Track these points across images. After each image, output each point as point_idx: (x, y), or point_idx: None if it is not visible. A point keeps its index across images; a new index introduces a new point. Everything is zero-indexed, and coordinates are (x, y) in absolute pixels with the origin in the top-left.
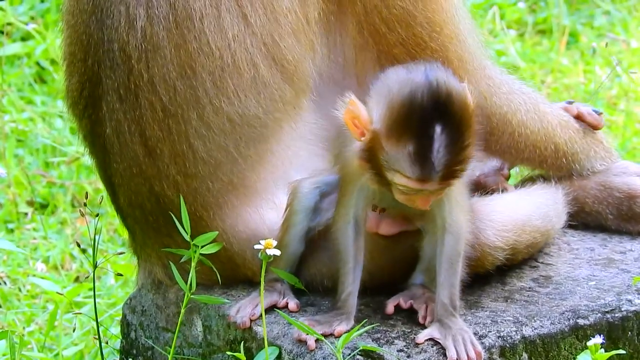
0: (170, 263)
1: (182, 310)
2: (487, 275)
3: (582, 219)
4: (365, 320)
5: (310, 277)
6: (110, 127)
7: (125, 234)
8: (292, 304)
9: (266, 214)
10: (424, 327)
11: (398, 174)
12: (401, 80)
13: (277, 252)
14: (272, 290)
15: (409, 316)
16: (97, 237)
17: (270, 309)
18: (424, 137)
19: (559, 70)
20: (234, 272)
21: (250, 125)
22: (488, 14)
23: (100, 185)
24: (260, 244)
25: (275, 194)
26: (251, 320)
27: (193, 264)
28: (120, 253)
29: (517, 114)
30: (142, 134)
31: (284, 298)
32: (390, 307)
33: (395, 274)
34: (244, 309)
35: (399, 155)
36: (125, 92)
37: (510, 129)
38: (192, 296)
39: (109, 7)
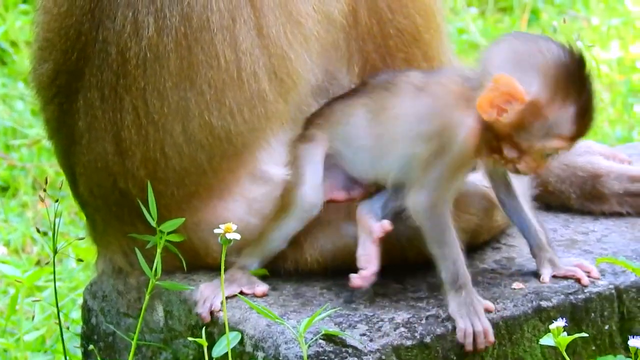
0: (136, 249)
1: (147, 297)
2: None
3: (545, 199)
4: (327, 304)
5: (298, 263)
6: (83, 120)
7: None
8: (258, 290)
9: (233, 208)
10: (387, 311)
11: (556, 139)
12: (533, 48)
13: (237, 237)
14: (233, 280)
15: (371, 299)
16: (57, 220)
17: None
18: (583, 96)
19: None
20: (196, 260)
21: (230, 142)
22: None
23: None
24: (220, 228)
25: (244, 190)
26: (212, 312)
27: (159, 250)
28: (81, 238)
29: None
30: (116, 135)
31: (248, 286)
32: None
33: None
34: (208, 300)
35: (562, 117)
36: (110, 93)
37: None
38: (156, 282)
39: (113, 10)
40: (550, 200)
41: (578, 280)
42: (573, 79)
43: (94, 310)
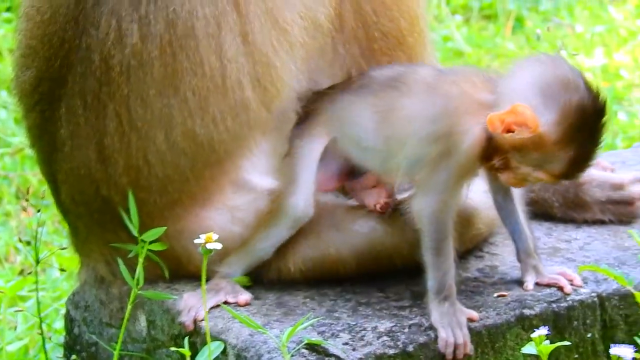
0: (118, 258)
1: (129, 306)
2: None
3: (528, 208)
4: (309, 313)
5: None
6: (66, 128)
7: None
8: (242, 299)
9: (216, 217)
10: (370, 319)
11: (543, 172)
12: (562, 82)
13: (218, 246)
14: (218, 289)
15: (354, 308)
16: (40, 230)
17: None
18: (588, 145)
19: (505, 55)
20: (178, 268)
21: (213, 150)
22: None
23: None
24: (200, 238)
25: (226, 199)
26: (196, 321)
27: (141, 259)
28: (64, 248)
29: None
30: (99, 142)
31: (232, 295)
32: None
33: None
34: (192, 309)
35: (559, 158)
36: (93, 100)
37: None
38: (139, 292)
39: (97, 17)
40: (534, 209)
41: (561, 289)
42: (586, 126)
43: (76, 320)
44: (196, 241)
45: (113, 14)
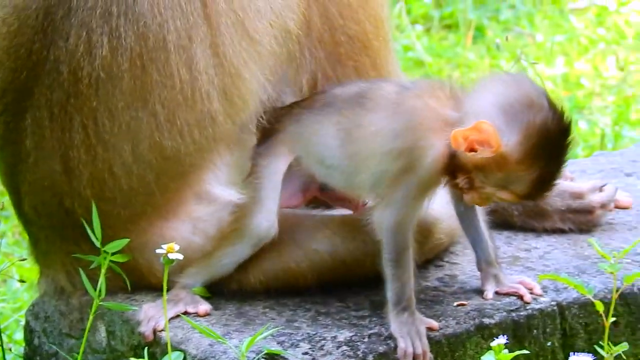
0: (80, 269)
1: (91, 317)
2: None
3: (488, 216)
4: (269, 323)
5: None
6: (31, 139)
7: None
8: (201, 309)
9: (178, 227)
10: (330, 329)
11: (507, 192)
12: (526, 101)
13: (180, 257)
14: (177, 300)
15: (314, 318)
16: (1, 241)
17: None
18: (552, 166)
19: (466, 65)
20: (139, 280)
21: (179, 162)
22: (394, 9)
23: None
24: (162, 248)
25: (189, 210)
26: (155, 331)
27: (103, 271)
28: (23, 259)
29: None
30: (64, 154)
31: (192, 305)
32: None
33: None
34: (152, 320)
35: (522, 178)
36: (59, 112)
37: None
38: (101, 303)
39: (66, 29)
40: (494, 217)
41: (520, 297)
42: (550, 147)
43: (36, 331)
44: (158, 251)
45: (83, 26)
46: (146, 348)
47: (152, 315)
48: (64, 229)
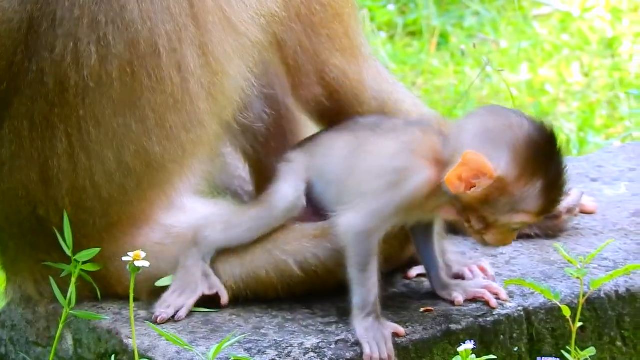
0: (51, 278)
1: (61, 326)
2: None
3: (455, 225)
4: (235, 330)
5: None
6: (7, 148)
7: None
8: (224, 298)
9: (150, 235)
10: (297, 336)
11: (521, 214)
12: (505, 124)
13: (146, 264)
14: (194, 282)
15: (281, 325)
16: None
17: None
18: (551, 173)
19: (430, 72)
20: (107, 289)
21: (163, 169)
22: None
23: None
24: (128, 256)
25: (163, 219)
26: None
27: (73, 280)
28: None
29: (406, 102)
30: (44, 163)
31: (208, 287)
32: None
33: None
34: (170, 307)
35: (528, 194)
36: (41, 122)
37: (402, 116)
38: (70, 312)
39: (52, 41)
40: (460, 225)
41: (487, 303)
42: (542, 157)
43: (3, 339)
44: (124, 259)
45: (70, 36)
46: (113, 356)
47: (172, 302)
48: (35, 238)
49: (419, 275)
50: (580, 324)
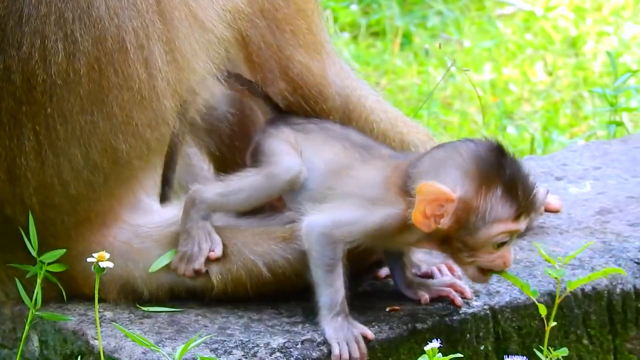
0: (16, 279)
1: (27, 327)
2: None
3: None
4: (202, 331)
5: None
6: None
7: None
8: (217, 251)
9: (118, 233)
10: (263, 336)
11: (496, 224)
12: (447, 148)
13: (110, 265)
14: (194, 237)
15: (246, 325)
16: None
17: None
18: (506, 175)
19: (394, 72)
20: (73, 289)
21: (129, 166)
22: None
23: None
24: (92, 256)
25: (130, 218)
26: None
27: (39, 281)
28: None
29: (369, 98)
30: (11, 162)
31: (208, 243)
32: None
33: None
34: (189, 261)
35: (493, 202)
36: (9, 121)
37: (365, 112)
38: (36, 313)
39: (19, 39)
40: None
41: (452, 301)
42: (491, 164)
43: None
44: (88, 260)
45: (37, 33)
46: (79, 357)
47: (190, 255)
48: (2, 238)
49: (388, 276)
50: (554, 323)
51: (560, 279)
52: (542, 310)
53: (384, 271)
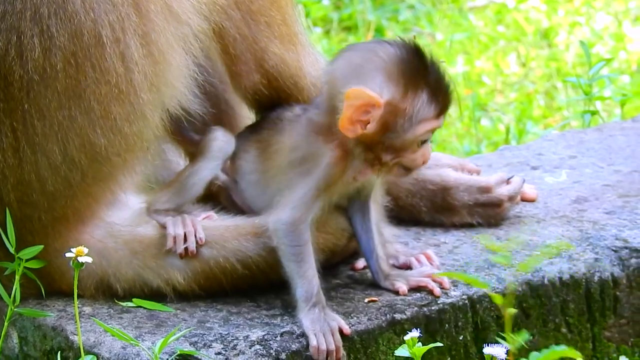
0: None
1: (6, 324)
2: None
3: (396, 214)
4: (181, 324)
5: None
6: None
7: None
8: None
9: (95, 231)
10: (242, 329)
11: (422, 124)
12: (365, 50)
13: (89, 260)
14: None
15: (226, 318)
16: None
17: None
18: (430, 77)
19: None
20: (51, 285)
21: (107, 162)
22: None
23: None
24: (71, 252)
25: (106, 215)
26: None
27: (17, 277)
28: None
29: None
30: None
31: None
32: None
33: None
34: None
35: (419, 104)
36: None
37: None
38: (15, 309)
39: None
40: (402, 215)
41: (430, 292)
42: (415, 68)
43: None
44: (67, 255)
45: (13, 29)
46: (59, 353)
47: (180, 234)
48: None
49: (365, 267)
50: (515, 310)
51: (511, 264)
52: (497, 300)
53: (361, 262)
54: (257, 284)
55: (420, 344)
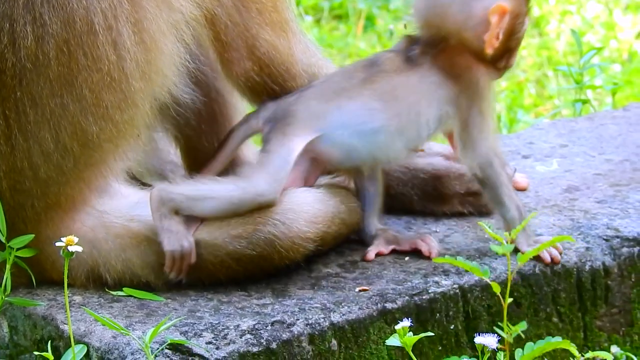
0: None
1: None
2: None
3: (387, 203)
4: (171, 314)
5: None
6: None
7: None
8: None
9: (86, 219)
10: (232, 318)
11: (526, 19)
12: None
13: (79, 249)
14: (176, 232)
15: (216, 307)
16: None
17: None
18: None
19: (357, 55)
20: (41, 274)
21: (99, 149)
22: None
23: None
24: (61, 241)
25: (97, 204)
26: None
27: (8, 266)
28: None
29: None
30: None
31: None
32: (371, 255)
33: None
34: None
35: (522, 1)
36: None
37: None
38: (6, 299)
39: None
40: (393, 204)
41: (420, 252)
42: None
43: None
44: (57, 244)
45: (5, 17)
46: (49, 342)
47: (181, 252)
48: None
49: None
50: (511, 299)
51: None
52: (496, 288)
53: (372, 253)
54: (251, 275)
55: (411, 333)
